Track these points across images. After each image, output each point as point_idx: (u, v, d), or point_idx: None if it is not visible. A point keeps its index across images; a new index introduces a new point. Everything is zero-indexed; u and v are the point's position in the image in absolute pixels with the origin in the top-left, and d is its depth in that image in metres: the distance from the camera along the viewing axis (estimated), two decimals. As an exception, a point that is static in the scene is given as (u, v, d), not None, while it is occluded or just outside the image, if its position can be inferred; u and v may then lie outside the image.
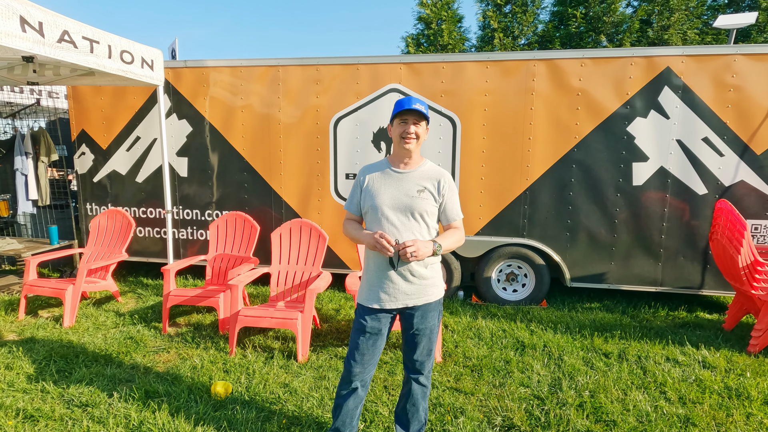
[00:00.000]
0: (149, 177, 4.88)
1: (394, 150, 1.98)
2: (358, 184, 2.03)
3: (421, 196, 1.90)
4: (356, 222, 2.07)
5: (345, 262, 4.64)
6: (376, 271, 1.93)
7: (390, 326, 2.02)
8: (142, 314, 4.02)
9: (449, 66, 4.20)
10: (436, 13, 10.56)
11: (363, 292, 2.00)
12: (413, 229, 1.89)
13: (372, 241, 1.82)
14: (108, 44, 3.56)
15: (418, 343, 1.98)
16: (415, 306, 1.93)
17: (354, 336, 1.98)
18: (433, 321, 1.98)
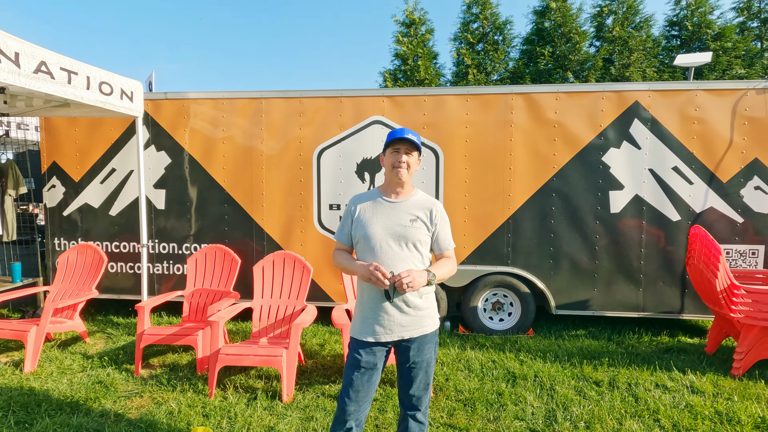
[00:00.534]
0: (124, 210, 4.71)
1: (386, 179, 1.97)
2: (348, 213, 2.00)
3: (414, 225, 1.88)
4: (347, 252, 2.02)
5: (329, 294, 4.53)
6: (371, 302, 1.87)
7: (385, 360, 1.94)
8: (112, 356, 3.76)
9: (431, 99, 4.32)
10: (412, 50, 10.96)
11: (356, 326, 1.93)
12: (406, 258, 1.85)
13: (366, 273, 1.77)
14: (87, 75, 3.49)
15: (414, 377, 1.91)
16: (411, 338, 1.87)
17: (348, 372, 1.89)
18: (430, 353, 1.92)
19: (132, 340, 4.15)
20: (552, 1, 10.72)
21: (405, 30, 11.38)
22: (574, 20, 10.62)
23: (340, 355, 3.82)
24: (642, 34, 10.52)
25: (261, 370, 3.49)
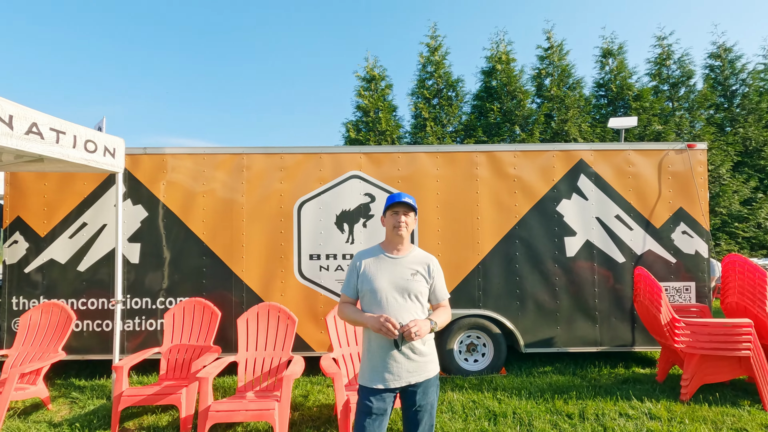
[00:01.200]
0: (93, 265, 4.58)
1: (387, 237, 2.22)
2: (354, 269, 2.21)
3: (414, 278, 2.13)
4: (352, 305, 2.22)
5: (310, 344, 4.58)
6: (379, 351, 2.05)
7: (392, 407, 2.11)
8: (83, 421, 3.56)
9: (404, 156, 4.72)
10: (373, 103, 11.66)
11: (366, 374, 2.09)
12: (410, 308, 2.08)
13: (377, 324, 1.97)
14: (74, 134, 3.55)
15: (420, 420, 2.08)
16: (417, 383, 2.06)
17: (360, 419, 2.02)
18: (434, 396, 2.12)
19: (102, 404, 3.94)
20: (497, 63, 11.97)
21: (366, 84, 12.14)
22: (517, 80, 11.88)
23: (326, 405, 3.85)
24: (575, 93, 11.94)
25: (249, 425, 3.45)
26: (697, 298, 4.67)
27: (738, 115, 11.83)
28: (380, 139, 11.43)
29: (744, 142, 11.38)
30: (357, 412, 2.06)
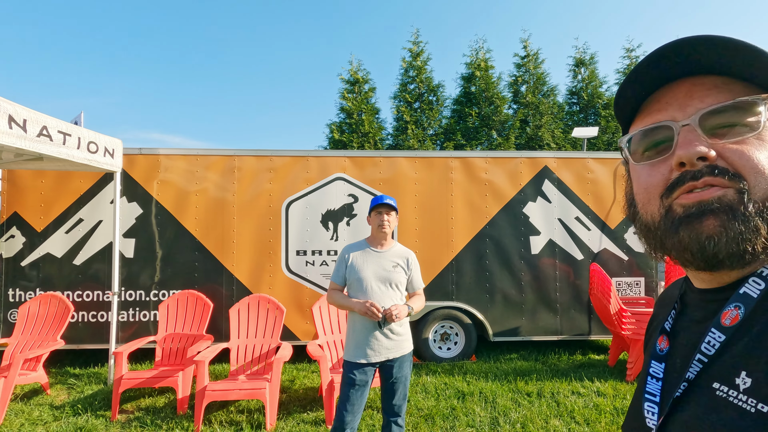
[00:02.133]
0: (89, 259, 4.82)
1: (372, 234, 2.61)
2: (343, 260, 2.59)
3: (395, 270, 2.53)
4: (340, 292, 2.60)
5: (296, 334, 4.93)
6: (363, 331, 2.44)
7: (372, 379, 2.50)
8: (84, 403, 3.83)
9: (385, 160, 5.11)
10: (357, 105, 12.01)
11: (350, 350, 2.47)
12: (390, 295, 2.49)
13: (363, 308, 2.36)
14: (78, 136, 3.82)
15: (396, 390, 2.48)
16: (393, 358, 2.46)
17: (345, 389, 2.41)
18: (407, 369, 2.52)
19: (101, 388, 4.20)
20: (476, 70, 12.48)
21: (350, 87, 12.47)
22: (495, 87, 12.41)
23: (311, 387, 4.22)
24: (550, 100, 12.55)
25: (240, 405, 3.79)
26: (646, 292, 5.22)
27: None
28: (363, 141, 11.79)
29: (703, 150, 12.21)
30: (342, 384, 2.44)
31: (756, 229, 0.45)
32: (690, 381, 0.51)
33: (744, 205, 0.46)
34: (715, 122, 0.48)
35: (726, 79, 0.50)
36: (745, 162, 0.47)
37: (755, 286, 0.49)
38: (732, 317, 0.49)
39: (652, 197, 0.53)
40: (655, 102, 0.54)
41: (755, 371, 0.44)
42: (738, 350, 0.47)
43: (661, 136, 0.52)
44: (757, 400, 0.43)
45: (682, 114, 0.50)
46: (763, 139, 0.47)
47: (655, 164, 0.52)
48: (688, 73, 0.52)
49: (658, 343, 0.61)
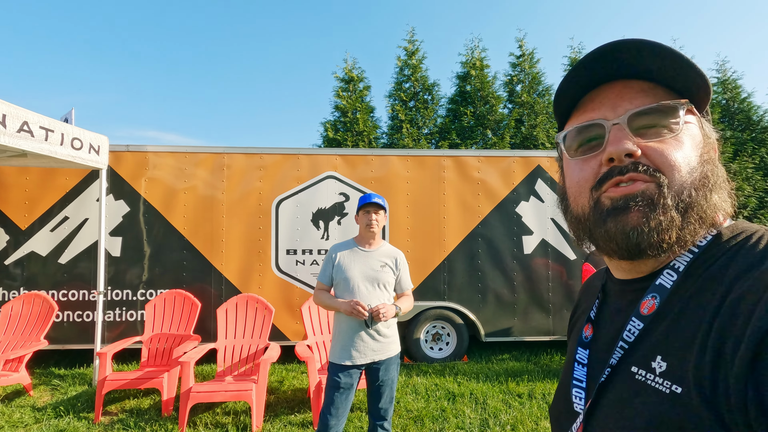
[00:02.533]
0: (74, 258, 4.73)
1: (361, 233, 2.55)
2: (330, 260, 2.53)
3: (383, 270, 2.47)
4: (327, 292, 2.54)
5: (285, 334, 4.86)
6: (349, 332, 2.38)
7: (358, 382, 2.43)
8: (67, 405, 3.75)
9: (377, 158, 5.05)
10: (351, 104, 11.94)
11: (336, 352, 2.41)
12: (378, 295, 2.42)
13: (349, 307, 2.30)
14: (61, 132, 3.74)
15: (382, 393, 2.41)
16: (380, 361, 2.40)
17: (329, 392, 2.34)
18: (394, 372, 2.46)
19: (84, 390, 4.12)
20: (472, 69, 12.44)
21: (344, 85, 12.40)
22: (490, 86, 12.38)
23: (300, 389, 4.16)
24: (545, 100, 12.54)
25: (227, 407, 3.72)
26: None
27: (692, 125, 12.70)
28: (357, 140, 11.73)
29: (696, 151, 12.24)
30: (327, 387, 2.37)
31: (672, 220, 0.50)
32: (613, 367, 0.54)
33: (663, 199, 0.50)
34: (641, 123, 0.53)
35: (652, 84, 0.55)
36: (664, 160, 0.51)
37: (669, 277, 0.53)
38: (649, 306, 0.53)
39: (583, 190, 0.56)
40: (590, 101, 0.58)
41: (669, 356, 0.48)
42: (654, 337, 0.51)
43: (593, 133, 0.56)
44: (671, 382, 0.46)
45: (613, 113, 0.54)
46: (679, 140, 0.52)
47: (587, 159, 0.56)
48: (621, 75, 0.55)
49: (583, 330, 0.65)
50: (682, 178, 0.51)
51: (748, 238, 0.51)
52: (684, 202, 0.51)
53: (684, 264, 0.53)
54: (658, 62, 0.53)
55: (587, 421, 0.56)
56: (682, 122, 0.52)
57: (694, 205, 0.51)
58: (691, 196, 0.51)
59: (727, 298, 0.46)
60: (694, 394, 0.44)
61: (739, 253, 0.50)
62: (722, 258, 0.51)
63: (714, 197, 0.53)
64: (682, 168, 0.51)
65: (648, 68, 0.53)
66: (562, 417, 0.62)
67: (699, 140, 0.54)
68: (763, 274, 0.45)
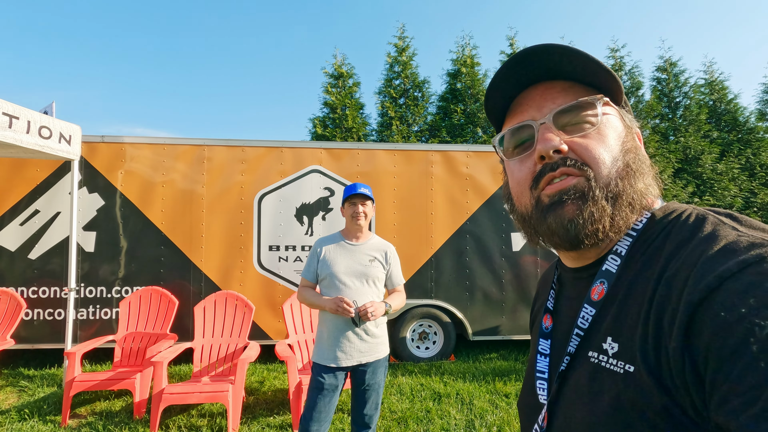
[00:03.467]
0: (45, 253, 4.52)
1: (347, 226, 2.39)
2: (315, 254, 2.36)
3: (372, 264, 2.32)
4: (312, 289, 2.38)
5: (267, 333, 4.71)
6: (334, 331, 2.21)
7: (343, 384, 2.26)
8: (33, 408, 3.56)
9: (363, 152, 4.92)
10: (341, 100, 11.79)
11: (320, 352, 2.23)
12: (366, 292, 2.26)
13: (333, 305, 2.13)
14: (27, 120, 3.54)
15: (368, 399, 2.25)
16: (367, 363, 2.23)
17: (312, 395, 2.16)
18: (382, 376, 2.30)
19: (53, 391, 3.93)
20: (462, 67, 12.36)
21: (334, 81, 12.24)
22: (481, 84, 12.31)
23: (281, 389, 4.01)
24: (535, 99, 12.52)
25: (203, 408, 3.56)
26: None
27: (680, 126, 12.77)
28: (346, 136, 11.57)
29: (684, 151, 12.31)
30: (310, 388, 2.20)
31: (603, 210, 0.53)
32: (571, 354, 0.56)
33: (592, 191, 0.53)
34: (565, 120, 0.56)
35: (572, 83, 0.59)
36: (589, 153, 0.55)
37: (613, 262, 0.56)
38: (599, 292, 0.55)
39: (524, 190, 0.59)
40: (518, 105, 0.61)
41: (620, 336, 0.50)
42: (606, 320, 0.53)
43: (525, 134, 0.59)
44: (624, 362, 0.48)
45: (540, 114, 0.58)
46: (601, 133, 0.56)
47: (523, 159, 0.59)
48: (544, 77, 0.59)
49: (543, 321, 0.67)
50: (606, 169, 0.54)
51: (679, 216, 0.54)
52: (612, 192, 0.54)
53: (625, 248, 0.56)
54: (570, 64, 0.56)
55: (551, 410, 0.57)
56: (601, 115, 0.56)
57: (622, 193, 0.54)
58: (618, 185, 0.54)
59: (664, 275, 0.48)
60: (643, 372, 0.45)
61: (672, 232, 0.53)
62: (658, 238, 0.54)
63: (639, 184, 0.56)
64: (606, 159, 0.55)
65: (564, 69, 0.57)
66: (529, 410, 0.63)
67: (620, 131, 0.58)
68: (693, 250, 0.47)
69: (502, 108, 0.64)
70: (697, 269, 0.44)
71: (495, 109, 0.64)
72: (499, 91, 0.61)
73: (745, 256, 0.42)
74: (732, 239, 0.45)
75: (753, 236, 0.45)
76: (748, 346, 0.38)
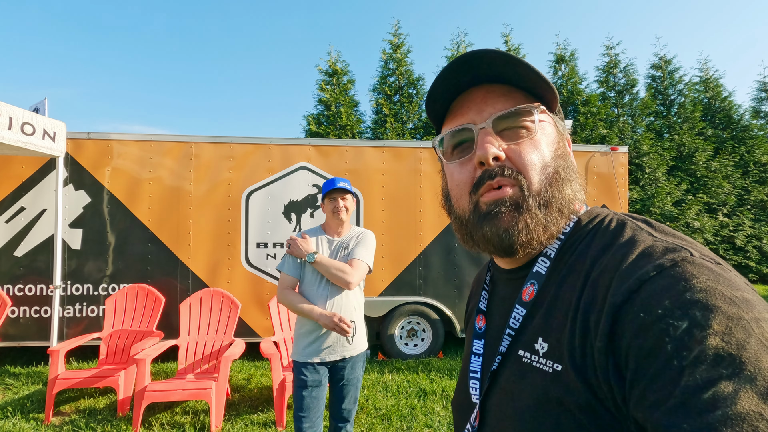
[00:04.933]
0: (31, 251, 4.49)
1: (328, 221, 2.35)
2: None
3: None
4: (293, 289, 2.24)
5: (255, 330, 4.70)
6: (316, 329, 2.16)
7: (328, 379, 2.21)
8: (16, 406, 3.55)
9: (351, 149, 4.90)
10: (335, 97, 11.75)
11: (300, 349, 2.18)
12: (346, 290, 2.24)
13: (331, 323, 2.04)
14: (9, 116, 3.51)
15: (346, 393, 2.23)
16: (347, 358, 2.21)
17: (297, 393, 2.12)
18: (360, 370, 2.29)
19: (38, 389, 3.92)
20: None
21: (328, 78, 12.20)
22: (475, 81, 12.30)
23: (267, 387, 4.00)
24: (529, 96, 12.50)
25: (187, 406, 3.56)
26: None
27: (674, 123, 12.77)
28: (341, 133, 11.55)
29: (678, 148, 12.31)
30: (294, 387, 2.14)
31: (537, 218, 0.55)
32: (503, 354, 0.57)
33: (526, 201, 0.55)
34: (503, 125, 0.58)
35: (511, 88, 0.60)
36: (523, 162, 0.56)
37: (543, 264, 0.58)
38: (530, 293, 0.57)
39: (463, 193, 0.60)
40: (459, 106, 0.62)
41: (549, 336, 0.51)
42: (536, 321, 0.55)
43: (465, 137, 0.60)
44: (552, 361, 0.50)
45: (480, 117, 0.59)
46: (535, 140, 0.58)
47: (463, 162, 0.60)
48: (485, 80, 0.60)
49: (476, 322, 0.68)
50: (538, 175, 0.56)
51: (602, 221, 0.57)
52: (543, 198, 0.56)
53: (554, 251, 0.58)
54: (511, 70, 0.57)
55: (483, 410, 0.58)
56: (537, 122, 0.58)
57: (552, 200, 0.56)
58: (548, 191, 0.56)
59: (589, 277, 0.50)
60: (570, 370, 0.47)
61: (596, 236, 0.55)
62: (583, 242, 0.56)
63: (568, 189, 0.58)
64: (538, 167, 0.56)
65: (505, 74, 0.58)
66: (462, 409, 0.64)
67: (553, 137, 0.60)
68: (614, 254, 0.50)
69: (442, 108, 0.64)
70: (619, 273, 0.46)
71: (436, 110, 0.64)
72: (441, 91, 0.62)
73: (661, 260, 0.45)
74: (649, 244, 0.48)
75: (667, 241, 0.48)
76: (663, 345, 0.40)
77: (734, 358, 0.37)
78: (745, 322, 0.39)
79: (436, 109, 0.64)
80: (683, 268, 0.43)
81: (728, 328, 0.38)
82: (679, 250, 0.46)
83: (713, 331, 0.38)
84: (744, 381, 0.36)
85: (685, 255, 0.45)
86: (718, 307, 0.40)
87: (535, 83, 0.58)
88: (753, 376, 0.36)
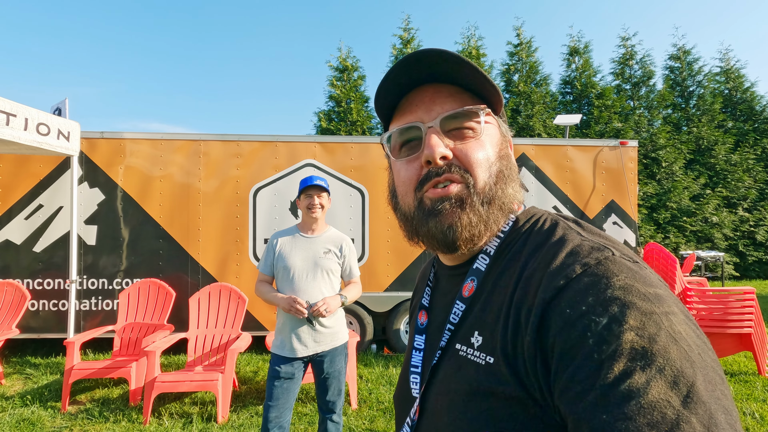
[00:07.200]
0: (49, 246, 4.67)
1: (303, 219, 2.41)
2: (271, 247, 2.38)
3: (327, 256, 2.35)
4: (268, 283, 2.38)
5: (263, 324, 4.80)
6: (289, 323, 2.25)
7: (303, 374, 2.31)
8: (35, 394, 3.71)
9: (357, 146, 4.94)
10: (346, 93, 11.79)
11: (276, 343, 2.29)
12: (320, 285, 2.30)
13: (287, 305, 2.18)
14: (25, 117, 3.65)
15: (329, 386, 2.31)
16: (323, 352, 2.29)
17: (269, 383, 2.23)
18: (341, 364, 2.35)
19: (56, 379, 4.08)
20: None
21: (338, 75, 12.24)
22: (486, 75, 12.17)
23: (273, 379, 4.09)
24: (542, 90, 12.32)
25: (195, 396, 3.67)
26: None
27: (693, 116, 12.42)
28: (351, 130, 11.59)
29: (697, 141, 11.99)
30: (268, 377, 2.25)
31: (480, 216, 0.57)
32: (442, 348, 0.59)
33: (471, 198, 0.57)
34: (451, 125, 0.59)
35: (459, 89, 0.61)
36: (470, 161, 0.58)
37: (483, 261, 0.60)
38: (469, 289, 0.59)
39: (408, 190, 0.61)
40: (408, 104, 0.62)
41: (484, 330, 0.54)
42: (473, 315, 0.57)
43: (412, 135, 0.61)
44: (486, 354, 0.52)
45: (428, 116, 0.60)
46: (481, 141, 0.59)
47: (410, 160, 0.61)
48: (433, 79, 0.61)
49: (419, 317, 0.69)
50: (483, 175, 0.58)
51: (537, 221, 0.59)
52: (488, 196, 0.58)
53: (494, 248, 0.60)
54: (458, 71, 0.58)
55: (422, 404, 0.59)
56: (483, 124, 0.60)
57: (495, 197, 0.58)
58: (492, 190, 0.58)
59: (523, 274, 0.52)
60: (501, 363, 0.49)
61: (531, 235, 0.58)
62: (520, 240, 0.58)
63: (509, 189, 0.60)
64: (483, 166, 0.58)
65: (453, 75, 0.59)
66: (403, 403, 0.65)
67: (497, 139, 0.62)
68: (546, 252, 0.52)
69: (391, 105, 0.65)
70: (549, 271, 0.49)
71: (384, 106, 0.65)
72: (391, 88, 0.62)
73: (587, 259, 0.48)
74: (577, 243, 0.51)
75: (593, 241, 0.51)
76: (585, 340, 0.42)
77: (646, 351, 0.40)
78: (657, 316, 0.42)
79: (385, 106, 0.65)
80: (606, 266, 0.46)
81: (642, 322, 0.41)
82: (603, 249, 0.49)
83: (629, 326, 0.41)
84: (655, 371, 0.39)
85: (608, 254, 0.48)
86: (633, 303, 0.42)
87: (481, 85, 0.60)
88: (662, 366, 0.39)
